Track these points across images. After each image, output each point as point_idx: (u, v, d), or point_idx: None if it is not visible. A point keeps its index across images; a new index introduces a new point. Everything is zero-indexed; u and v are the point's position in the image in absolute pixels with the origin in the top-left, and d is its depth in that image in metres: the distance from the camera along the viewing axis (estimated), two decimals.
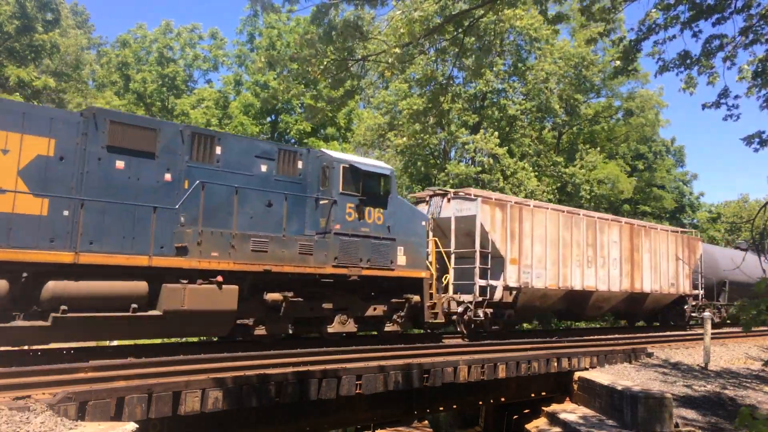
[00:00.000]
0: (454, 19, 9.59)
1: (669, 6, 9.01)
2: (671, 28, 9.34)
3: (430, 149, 28.71)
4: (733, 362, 14.90)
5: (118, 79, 31.92)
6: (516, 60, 29.72)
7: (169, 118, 30.83)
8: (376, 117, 29.51)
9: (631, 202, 38.96)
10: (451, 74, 16.90)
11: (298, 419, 9.17)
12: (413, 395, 10.56)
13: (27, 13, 24.75)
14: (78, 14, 34.62)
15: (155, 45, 32.20)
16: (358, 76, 9.28)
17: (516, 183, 25.59)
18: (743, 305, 5.20)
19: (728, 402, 11.30)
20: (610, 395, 10.88)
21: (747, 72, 10.24)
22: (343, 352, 10.19)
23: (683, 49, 9.70)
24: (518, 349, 12.46)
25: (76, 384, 6.82)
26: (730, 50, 9.43)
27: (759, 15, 8.94)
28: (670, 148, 44.33)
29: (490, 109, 28.57)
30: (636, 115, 33.17)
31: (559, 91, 28.92)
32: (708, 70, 9.62)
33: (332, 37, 7.80)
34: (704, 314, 14.97)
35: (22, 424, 5.53)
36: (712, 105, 10.21)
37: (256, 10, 8.37)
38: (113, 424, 6.14)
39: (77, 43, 29.02)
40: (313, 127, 31.48)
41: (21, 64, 25.19)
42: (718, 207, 50.52)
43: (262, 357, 9.13)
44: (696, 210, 46.43)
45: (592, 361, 12.97)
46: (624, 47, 10.17)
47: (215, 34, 34.17)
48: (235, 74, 33.00)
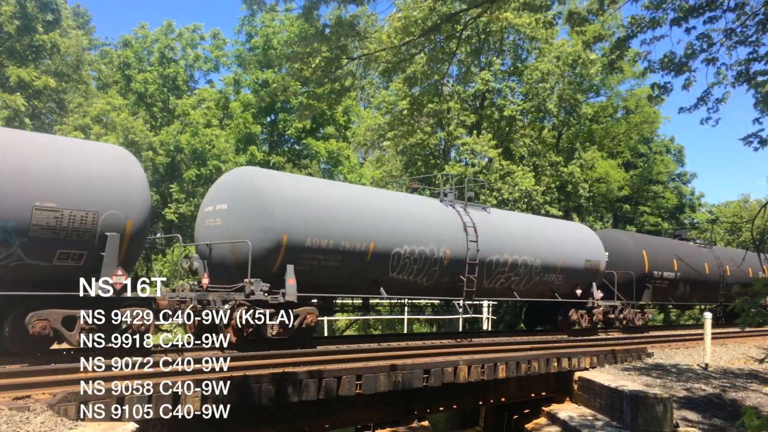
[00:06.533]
0: (452, 20, 9.62)
1: (659, 5, 9.04)
2: (659, 28, 9.39)
3: (430, 149, 28.72)
4: (733, 362, 14.91)
5: (120, 79, 31.94)
6: (515, 60, 29.74)
7: (170, 119, 30.86)
8: (376, 117, 29.53)
9: (631, 202, 38.95)
10: (445, 73, 16.91)
11: (298, 419, 9.18)
12: (413, 395, 10.57)
13: (27, 13, 24.75)
14: (80, 15, 34.61)
15: (156, 45, 32.22)
16: (353, 74, 9.30)
17: (512, 183, 25.60)
18: (742, 304, 5.20)
19: (728, 403, 11.29)
20: (610, 395, 10.89)
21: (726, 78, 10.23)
22: (343, 352, 10.20)
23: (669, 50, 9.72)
24: (518, 349, 12.48)
25: (76, 384, 6.83)
26: (714, 52, 9.46)
27: (751, 13, 8.97)
28: (670, 147, 44.30)
29: (489, 109, 28.58)
30: (635, 113, 33.22)
31: (559, 91, 28.92)
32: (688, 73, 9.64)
33: (325, 35, 7.83)
34: (705, 314, 14.95)
35: (22, 424, 5.54)
36: (690, 108, 10.22)
37: (253, 9, 8.41)
38: (113, 424, 6.16)
39: (78, 44, 28.99)
40: (312, 126, 31.48)
41: (21, 64, 25.21)
42: (719, 207, 50.44)
43: (262, 357, 9.14)
44: (695, 210, 46.34)
45: (592, 361, 12.98)
46: (613, 44, 10.21)
47: (217, 35, 34.20)
48: (234, 74, 33.04)
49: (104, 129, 26.46)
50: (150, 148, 27.33)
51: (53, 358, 8.86)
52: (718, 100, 10.27)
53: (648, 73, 10.39)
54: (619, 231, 24.45)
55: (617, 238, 20.14)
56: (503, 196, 25.44)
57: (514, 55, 29.90)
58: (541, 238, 16.14)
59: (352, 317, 22.41)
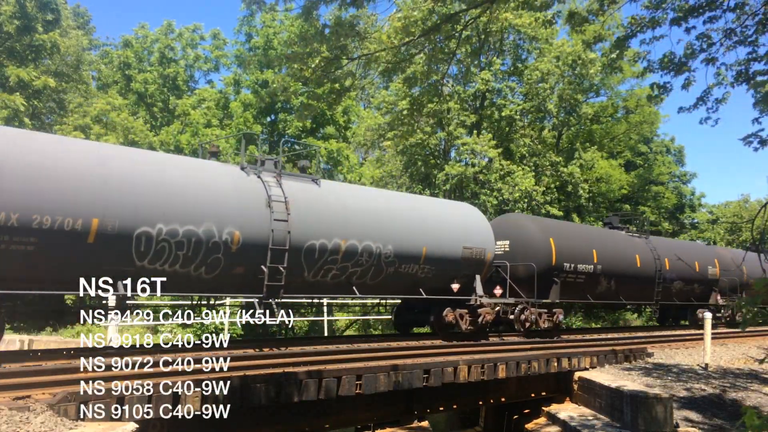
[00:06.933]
0: (451, 20, 9.64)
1: (659, 5, 9.06)
2: (659, 28, 9.40)
3: (430, 149, 28.73)
4: (733, 362, 14.91)
5: (120, 79, 31.97)
6: (515, 60, 29.75)
7: (170, 119, 30.87)
8: (376, 117, 29.54)
9: (631, 202, 38.94)
10: (445, 73, 16.94)
11: (298, 419, 9.19)
12: (413, 395, 10.57)
13: (27, 13, 24.77)
14: (80, 15, 34.63)
15: (156, 45, 32.25)
16: (353, 74, 9.31)
17: (512, 183, 25.60)
18: (741, 304, 5.18)
19: (729, 403, 11.30)
20: (610, 395, 10.89)
21: (725, 78, 10.23)
22: (343, 352, 10.20)
23: (669, 50, 9.73)
24: (518, 349, 12.48)
25: (76, 384, 6.83)
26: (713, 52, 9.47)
27: (750, 13, 8.98)
28: (670, 148, 44.31)
29: (489, 109, 28.59)
30: (634, 113, 33.23)
31: (559, 91, 28.94)
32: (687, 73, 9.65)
33: (325, 35, 7.84)
34: (705, 314, 14.95)
35: (22, 424, 5.54)
36: (690, 108, 10.22)
37: (252, 9, 8.43)
38: (113, 424, 6.16)
39: (78, 44, 29.01)
40: (313, 126, 31.48)
41: (21, 64, 25.22)
42: (719, 208, 50.43)
43: (262, 357, 9.15)
44: (695, 210, 46.33)
45: (592, 361, 12.99)
46: (613, 44, 10.23)
47: (217, 35, 34.24)
48: (234, 74, 33.07)
49: (104, 129, 26.48)
50: (150, 148, 27.31)
51: (53, 359, 8.87)
52: (718, 100, 10.27)
53: (648, 73, 10.40)
54: (524, 215, 20.54)
55: (520, 224, 16.30)
56: (503, 196, 25.46)
57: (514, 55, 29.93)
58: (396, 218, 12.40)
59: (352, 317, 22.25)
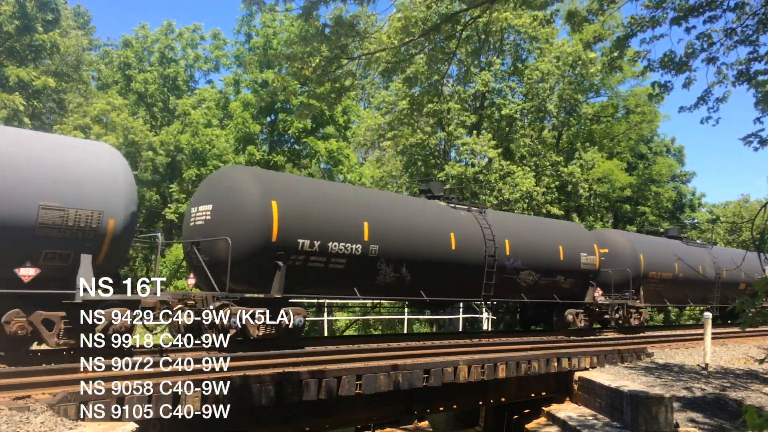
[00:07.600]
0: (451, 20, 9.64)
1: (659, 5, 9.05)
2: (659, 27, 9.40)
3: (430, 149, 28.73)
4: (733, 362, 14.89)
5: (120, 79, 31.95)
6: (515, 60, 29.73)
7: (170, 119, 30.86)
8: (376, 117, 29.54)
9: (631, 202, 38.93)
10: (445, 73, 16.95)
11: (298, 419, 9.18)
12: (413, 395, 10.56)
13: (27, 13, 24.77)
14: (80, 15, 34.61)
15: (157, 45, 32.24)
16: (353, 74, 9.30)
17: (512, 183, 25.60)
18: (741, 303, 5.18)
19: (729, 403, 11.29)
20: (610, 395, 10.88)
21: (727, 78, 10.22)
22: (343, 352, 10.20)
23: (669, 49, 9.72)
24: (518, 349, 12.47)
25: (76, 384, 6.83)
26: (714, 51, 9.46)
27: (751, 13, 8.97)
28: (670, 148, 44.30)
29: (489, 109, 28.58)
30: (635, 113, 33.21)
31: (559, 91, 28.93)
32: (688, 72, 9.65)
33: (325, 35, 7.84)
34: (705, 314, 14.94)
35: (22, 424, 5.54)
36: (690, 108, 10.21)
37: (252, 9, 8.44)
38: (113, 424, 6.15)
39: (78, 44, 29.00)
40: (312, 126, 31.50)
41: (21, 63, 25.21)
42: (719, 207, 50.42)
43: (262, 357, 9.14)
44: (695, 210, 46.31)
45: (592, 361, 12.97)
46: (613, 43, 10.22)
47: (217, 35, 34.23)
48: (234, 74, 33.06)
49: (104, 129, 26.48)
50: (150, 148, 27.34)
51: (53, 358, 8.87)
52: (719, 99, 10.27)
53: (648, 73, 10.40)
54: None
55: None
56: (504, 197, 25.45)
57: (514, 55, 29.90)
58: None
59: (352, 317, 22.32)
